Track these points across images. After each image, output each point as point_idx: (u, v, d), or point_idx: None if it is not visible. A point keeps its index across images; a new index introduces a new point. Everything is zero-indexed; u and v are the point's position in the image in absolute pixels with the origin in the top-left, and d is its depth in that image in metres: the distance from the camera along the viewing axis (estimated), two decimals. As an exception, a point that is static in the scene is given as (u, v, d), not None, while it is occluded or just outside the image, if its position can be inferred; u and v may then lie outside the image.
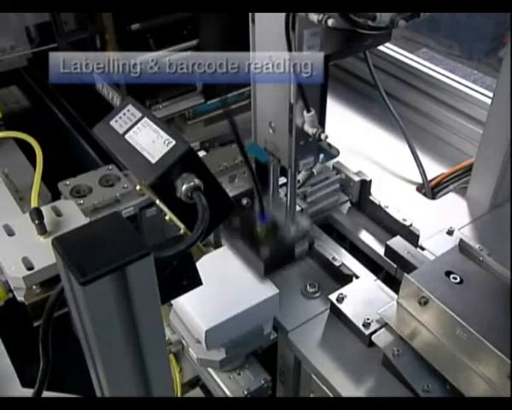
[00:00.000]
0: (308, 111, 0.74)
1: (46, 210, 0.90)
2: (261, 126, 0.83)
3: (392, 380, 0.75)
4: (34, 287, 0.83)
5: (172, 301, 0.80)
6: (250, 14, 0.76)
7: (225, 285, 0.79)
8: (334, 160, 1.16)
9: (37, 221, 0.86)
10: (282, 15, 0.67)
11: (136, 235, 0.50)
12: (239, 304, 0.76)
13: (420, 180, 1.13)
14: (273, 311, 0.81)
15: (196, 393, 0.99)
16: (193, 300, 0.76)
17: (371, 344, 0.79)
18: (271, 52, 0.72)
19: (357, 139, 1.25)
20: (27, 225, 0.87)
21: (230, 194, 0.86)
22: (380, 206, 0.99)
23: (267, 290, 0.79)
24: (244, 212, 0.90)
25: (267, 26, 0.73)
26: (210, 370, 0.87)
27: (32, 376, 0.65)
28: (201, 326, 0.74)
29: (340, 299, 0.83)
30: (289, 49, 0.68)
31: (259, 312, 0.78)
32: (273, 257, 0.81)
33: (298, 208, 0.94)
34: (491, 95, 1.06)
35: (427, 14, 0.69)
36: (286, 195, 0.95)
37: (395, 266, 0.92)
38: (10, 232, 0.88)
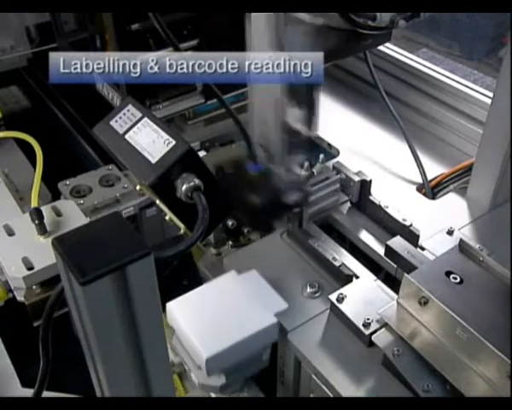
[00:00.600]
0: (300, 109, 0.74)
1: (46, 210, 0.90)
2: (256, 124, 0.83)
3: (393, 380, 0.75)
4: (34, 287, 0.83)
5: (174, 327, 0.80)
6: (246, 14, 0.76)
7: (226, 312, 0.80)
8: (334, 160, 1.16)
9: (37, 221, 0.86)
10: (274, 15, 0.67)
11: (137, 235, 0.50)
12: (239, 332, 0.77)
13: (420, 180, 1.13)
14: (272, 338, 0.81)
15: (196, 393, 0.99)
16: (194, 326, 0.76)
17: (371, 344, 0.79)
18: (265, 52, 0.72)
19: (357, 139, 1.25)
20: (27, 225, 0.87)
21: (230, 194, 0.86)
22: (380, 206, 0.99)
23: (266, 319, 0.79)
24: (236, 159, 0.87)
25: (259, 25, 0.73)
26: (211, 393, 0.87)
27: (32, 376, 0.65)
28: (202, 354, 0.75)
29: (340, 299, 0.83)
30: (280, 49, 0.68)
31: (259, 339, 0.79)
32: (265, 205, 0.79)
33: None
34: (491, 95, 1.05)
35: (428, 14, 0.69)
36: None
37: (395, 266, 0.92)
38: (10, 232, 0.89)
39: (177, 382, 0.94)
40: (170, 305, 0.77)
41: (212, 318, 0.78)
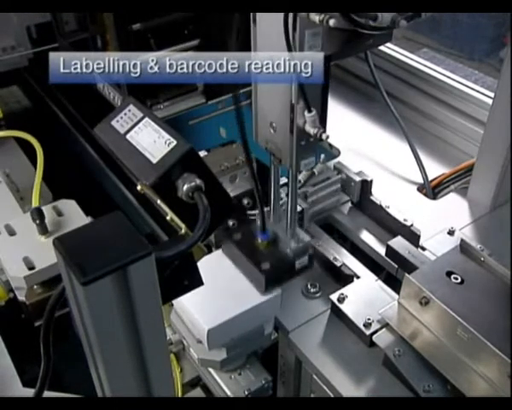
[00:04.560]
0: (309, 111, 0.74)
1: (47, 210, 0.90)
2: (262, 126, 0.83)
3: (393, 380, 0.75)
4: (35, 287, 0.83)
5: (173, 301, 0.80)
6: (251, 14, 0.76)
7: (227, 285, 0.80)
8: (335, 160, 1.16)
9: (38, 221, 0.86)
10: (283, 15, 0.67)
11: (137, 235, 0.50)
12: (241, 304, 0.77)
13: (421, 180, 1.13)
14: (274, 311, 0.81)
15: (197, 393, 0.99)
16: (194, 299, 0.75)
17: (372, 344, 0.79)
18: (272, 52, 0.71)
19: (357, 139, 1.25)
20: (28, 225, 0.88)
21: (231, 194, 0.86)
22: (380, 206, 0.99)
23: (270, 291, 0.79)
24: (245, 226, 0.89)
25: (268, 26, 0.73)
26: (211, 370, 0.87)
27: (33, 376, 0.65)
28: (203, 326, 0.74)
29: (341, 299, 0.83)
30: (289, 50, 0.68)
31: (261, 312, 0.78)
32: (274, 271, 0.81)
33: (299, 208, 0.93)
34: (492, 95, 1.06)
35: (429, 14, 0.69)
36: (287, 195, 0.95)
37: (396, 266, 0.92)
38: (11, 232, 0.89)
39: (174, 362, 0.94)
40: None
41: (213, 291, 0.77)
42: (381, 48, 1.32)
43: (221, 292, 0.78)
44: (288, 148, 0.79)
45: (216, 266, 0.83)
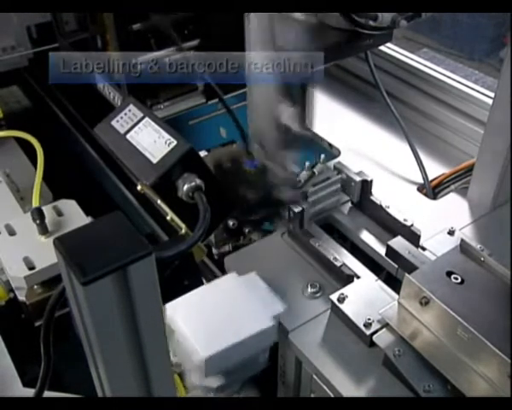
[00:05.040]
0: (293, 107, 0.75)
1: (47, 210, 0.90)
2: (255, 126, 0.84)
3: (393, 380, 0.75)
4: (35, 287, 0.84)
5: (174, 328, 0.80)
6: (245, 14, 0.75)
7: (225, 314, 0.80)
8: (335, 160, 1.16)
9: (38, 221, 0.86)
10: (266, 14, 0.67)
11: (138, 235, 0.50)
12: (237, 334, 0.77)
13: (421, 180, 1.13)
14: (269, 341, 0.81)
15: (197, 393, 0.99)
16: (193, 327, 0.77)
17: (372, 344, 0.79)
18: (267, 52, 0.72)
19: (357, 139, 1.25)
20: (29, 225, 0.88)
21: (231, 194, 0.86)
22: (380, 206, 0.99)
23: (264, 321, 0.79)
24: (233, 156, 0.87)
25: (260, 25, 0.73)
26: (210, 394, 0.87)
27: (33, 376, 0.65)
28: (200, 354, 0.75)
29: (341, 299, 0.83)
30: (279, 49, 0.68)
31: (256, 341, 0.79)
32: (260, 201, 0.80)
33: (299, 209, 0.94)
34: (492, 95, 1.05)
35: (429, 14, 0.69)
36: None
37: (396, 266, 0.92)
38: (12, 232, 0.89)
39: (178, 381, 0.94)
40: (169, 306, 0.77)
41: (211, 319, 0.78)
42: (381, 48, 1.31)
43: (220, 320, 0.79)
44: (273, 143, 0.79)
45: (216, 293, 0.83)
